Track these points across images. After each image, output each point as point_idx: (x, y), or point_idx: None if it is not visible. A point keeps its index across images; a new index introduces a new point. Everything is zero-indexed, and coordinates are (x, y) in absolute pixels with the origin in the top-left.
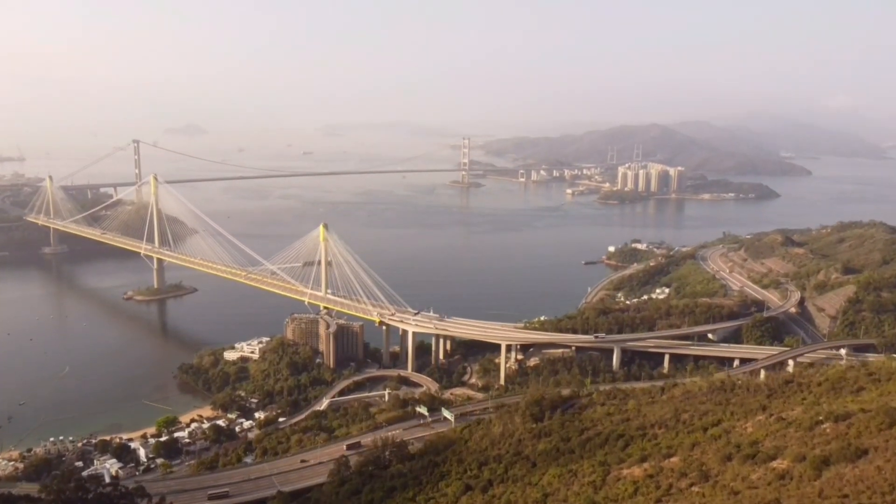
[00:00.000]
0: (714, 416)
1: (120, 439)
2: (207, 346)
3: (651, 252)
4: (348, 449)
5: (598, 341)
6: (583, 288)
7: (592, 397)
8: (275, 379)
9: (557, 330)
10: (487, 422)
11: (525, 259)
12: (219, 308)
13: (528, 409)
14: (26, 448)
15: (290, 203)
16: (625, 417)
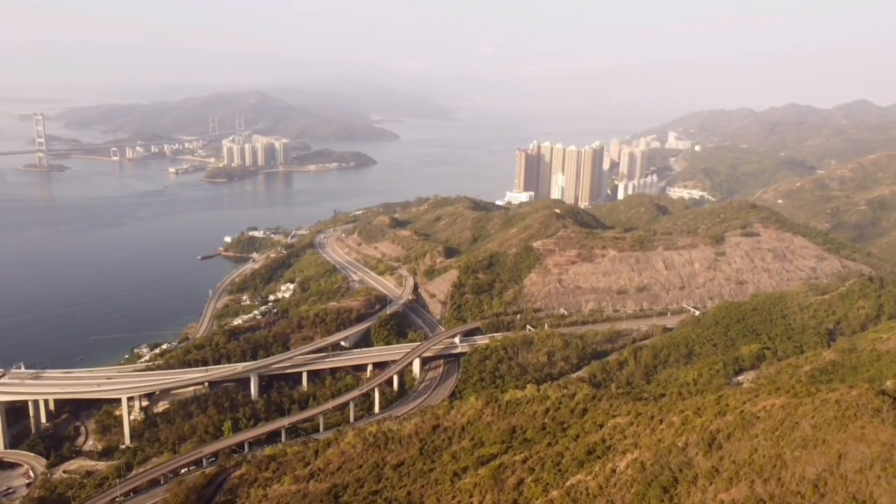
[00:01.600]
0: (369, 486)
1: None
2: None
3: (269, 239)
4: None
5: (233, 374)
6: (204, 289)
7: (244, 471)
8: None
9: (185, 364)
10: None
11: (133, 260)
12: None
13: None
14: None
15: None
16: None
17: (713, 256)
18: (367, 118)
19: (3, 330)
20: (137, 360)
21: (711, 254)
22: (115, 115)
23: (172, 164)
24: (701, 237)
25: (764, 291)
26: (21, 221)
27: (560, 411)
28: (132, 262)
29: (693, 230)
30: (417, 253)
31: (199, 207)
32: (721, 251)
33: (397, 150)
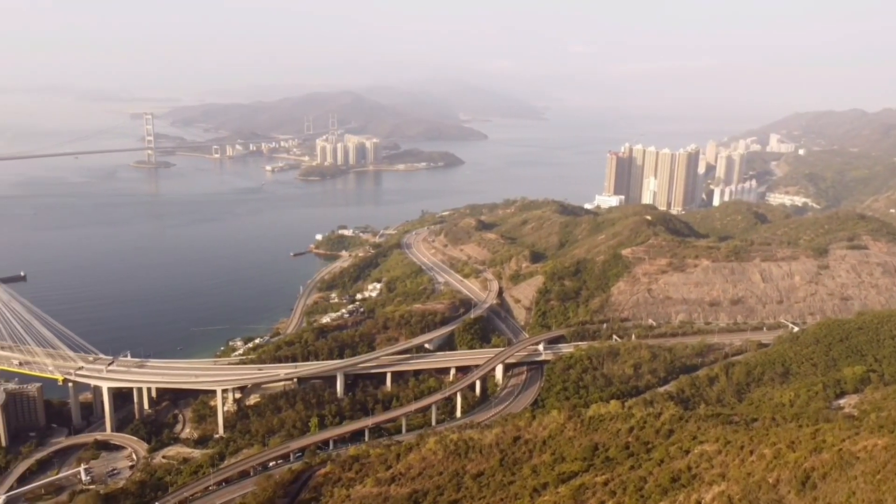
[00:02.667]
0: (448, 494)
1: None
2: None
3: (358, 238)
4: None
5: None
6: (295, 285)
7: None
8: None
9: (276, 360)
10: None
11: (230, 255)
12: None
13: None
14: None
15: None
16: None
17: (815, 269)
18: (456, 118)
19: (113, 320)
20: (232, 352)
21: (813, 267)
22: (217, 113)
23: (269, 162)
24: (802, 248)
25: (871, 309)
26: (130, 215)
27: (645, 431)
28: (230, 257)
29: (794, 241)
30: (503, 257)
31: (293, 205)
32: (824, 264)
33: (485, 150)
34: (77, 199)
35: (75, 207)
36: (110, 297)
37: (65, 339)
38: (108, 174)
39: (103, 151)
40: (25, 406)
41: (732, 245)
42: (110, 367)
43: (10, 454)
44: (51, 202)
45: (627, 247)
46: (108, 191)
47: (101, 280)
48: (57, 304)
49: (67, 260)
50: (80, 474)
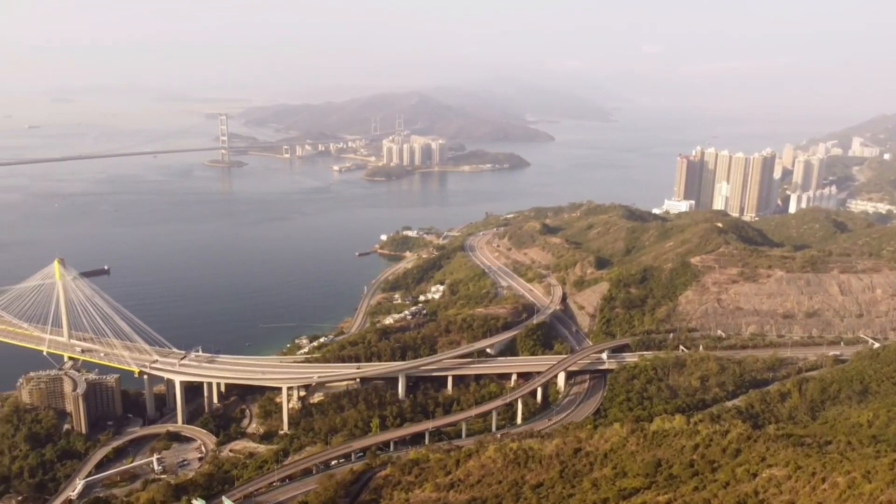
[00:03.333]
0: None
1: None
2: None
3: (422, 239)
4: None
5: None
6: (359, 285)
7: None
8: (10, 457)
9: (339, 359)
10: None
11: (298, 253)
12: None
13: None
14: None
15: (15, 197)
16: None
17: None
18: (523, 119)
19: (186, 315)
20: (297, 350)
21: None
22: (288, 114)
23: (336, 162)
24: (886, 260)
25: None
26: (204, 213)
27: (710, 449)
28: (297, 256)
29: (876, 251)
30: (567, 262)
31: (359, 205)
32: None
33: (551, 152)
34: (155, 196)
35: (153, 204)
36: (184, 292)
37: (141, 333)
38: (184, 173)
39: (180, 151)
40: (104, 396)
41: (809, 255)
42: (183, 362)
43: (89, 441)
44: (130, 199)
45: (696, 255)
46: (183, 189)
47: (176, 275)
48: (134, 298)
49: (144, 255)
50: (152, 464)
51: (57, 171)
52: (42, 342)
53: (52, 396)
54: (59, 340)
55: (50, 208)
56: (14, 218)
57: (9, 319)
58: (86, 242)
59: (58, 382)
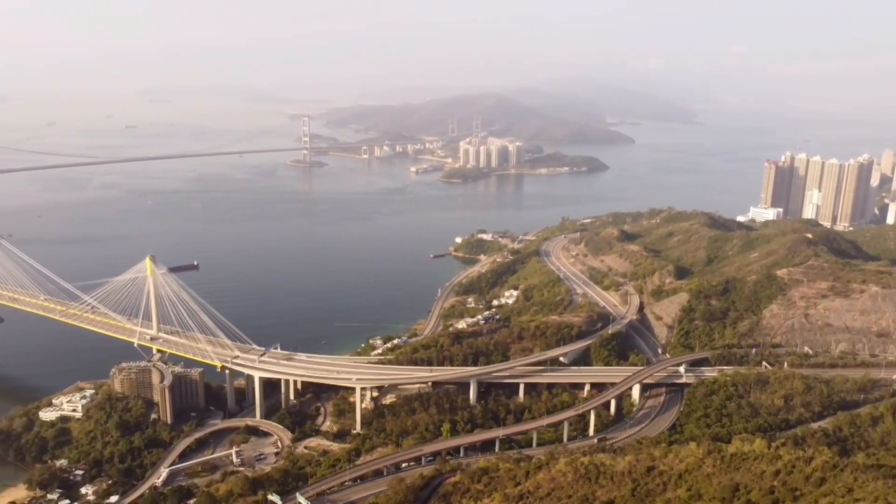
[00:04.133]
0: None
1: None
2: (19, 396)
3: (496, 242)
4: None
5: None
6: (433, 287)
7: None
8: (103, 442)
9: (412, 362)
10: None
11: (374, 253)
12: (31, 342)
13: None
14: None
15: (113, 194)
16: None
17: None
18: (603, 121)
19: (265, 311)
20: (371, 350)
21: None
22: (368, 115)
23: (414, 163)
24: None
25: None
26: (285, 212)
27: (793, 476)
28: (373, 256)
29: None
30: (646, 270)
31: (435, 206)
32: None
33: (631, 155)
34: (239, 194)
35: (237, 203)
36: (264, 288)
37: (223, 329)
38: (267, 172)
39: (264, 151)
40: (188, 388)
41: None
42: (262, 358)
43: (173, 431)
44: (217, 197)
45: (783, 267)
46: (266, 188)
47: (257, 272)
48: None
49: (229, 252)
50: (232, 456)
51: (151, 170)
52: (133, 334)
53: (141, 387)
54: (149, 333)
55: (144, 205)
56: (111, 214)
57: (104, 312)
58: (176, 238)
59: (146, 373)
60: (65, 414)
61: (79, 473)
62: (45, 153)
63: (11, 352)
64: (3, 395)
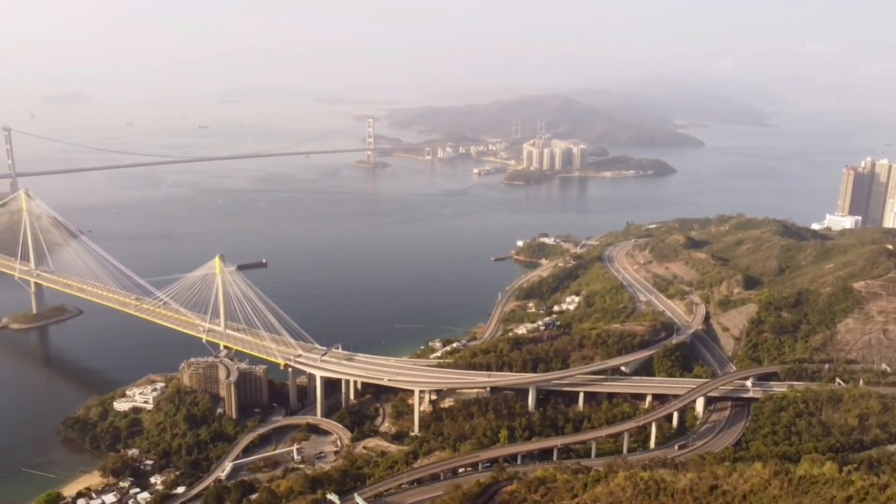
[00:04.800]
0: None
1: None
2: (95, 387)
3: (559, 247)
4: None
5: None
6: (494, 290)
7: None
8: (171, 434)
9: (471, 367)
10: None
11: (435, 255)
12: (107, 335)
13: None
14: None
15: (185, 192)
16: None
17: None
18: (671, 123)
19: (327, 310)
20: (430, 353)
21: None
22: (432, 116)
23: (476, 165)
24: None
25: None
26: (348, 212)
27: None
28: (434, 257)
29: None
30: (713, 279)
31: (496, 209)
32: None
33: (700, 159)
34: (304, 194)
35: (302, 202)
36: (327, 287)
37: (287, 327)
38: (332, 172)
39: (330, 151)
40: (253, 385)
41: None
42: (324, 358)
43: (237, 426)
44: (283, 196)
45: (861, 279)
46: (331, 188)
47: (320, 271)
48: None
49: (294, 250)
50: (293, 453)
51: (221, 169)
52: (202, 330)
53: (208, 381)
54: (217, 330)
55: (214, 203)
56: (184, 212)
57: (175, 307)
58: (244, 236)
59: (213, 369)
60: (137, 405)
61: (149, 463)
62: (124, 152)
63: (89, 343)
64: (81, 385)
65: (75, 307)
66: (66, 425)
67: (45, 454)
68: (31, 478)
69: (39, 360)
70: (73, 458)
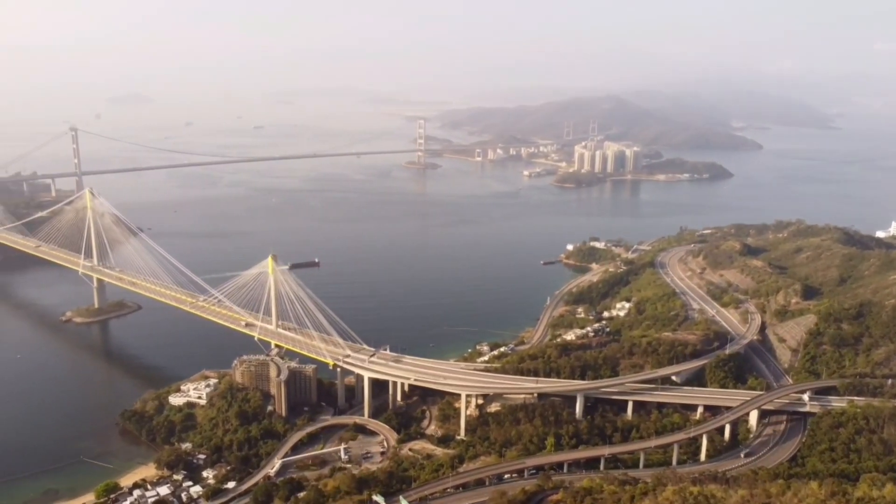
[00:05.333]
0: None
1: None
2: (152, 380)
3: (609, 251)
4: None
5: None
6: (542, 294)
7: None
8: (223, 429)
9: (518, 372)
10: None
11: (483, 257)
12: (164, 330)
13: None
14: None
15: (241, 192)
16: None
17: None
18: (728, 125)
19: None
20: (478, 356)
21: None
22: (482, 117)
23: (527, 167)
24: None
25: None
26: (398, 213)
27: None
28: (483, 260)
29: None
30: (769, 288)
31: (546, 212)
32: None
33: (758, 162)
34: (356, 195)
35: (353, 202)
36: (375, 287)
37: (336, 327)
38: (383, 173)
39: (381, 152)
40: (302, 383)
41: None
42: (372, 359)
43: (287, 424)
44: (335, 196)
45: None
46: (381, 188)
47: (369, 271)
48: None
49: (344, 250)
50: (340, 452)
51: (275, 169)
52: (254, 328)
53: (259, 379)
54: (269, 328)
55: (268, 202)
56: (239, 211)
57: (229, 305)
58: (296, 235)
59: (265, 367)
60: (191, 400)
61: (201, 457)
62: (182, 152)
63: (147, 338)
64: (139, 378)
65: (134, 303)
66: (124, 417)
67: (104, 445)
68: (90, 467)
69: (100, 353)
70: (130, 449)
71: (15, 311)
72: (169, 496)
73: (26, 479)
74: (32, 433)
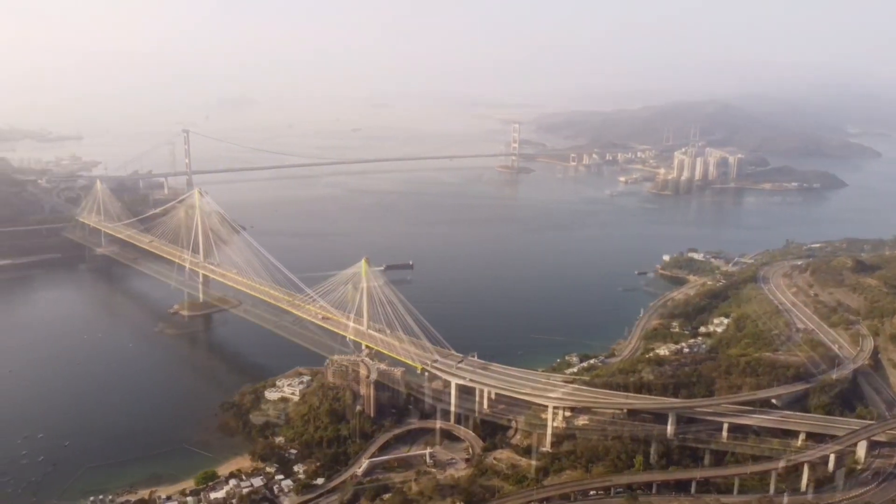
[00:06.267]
0: None
1: (158, 498)
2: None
3: (708, 263)
4: None
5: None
6: (635, 306)
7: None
8: (314, 426)
9: (608, 386)
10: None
11: (574, 265)
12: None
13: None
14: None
15: (336, 192)
16: None
17: None
18: (842, 131)
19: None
20: (566, 367)
21: None
22: (579, 121)
23: (623, 173)
24: None
25: None
26: (489, 217)
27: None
28: (574, 267)
29: None
30: (884, 309)
31: (642, 220)
32: None
33: (875, 171)
34: (448, 198)
35: (445, 206)
36: (465, 292)
37: (425, 330)
38: (475, 177)
39: (474, 156)
40: (391, 385)
41: None
42: (459, 365)
43: (375, 425)
44: (427, 199)
45: None
46: (473, 192)
47: (458, 276)
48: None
49: (434, 253)
50: (425, 456)
51: (370, 171)
52: (347, 329)
53: (350, 379)
54: (360, 329)
55: (361, 204)
56: (335, 211)
57: (322, 304)
58: (389, 237)
59: (355, 367)
60: (285, 396)
61: (293, 452)
62: (283, 153)
63: (246, 333)
64: (238, 372)
65: (236, 298)
66: (223, 408)
67: (204, 434)
68: (191, 455)
69: (204, 345)
70: (227, 440)
71: (129, 302)
72: (261, 488)
73: (135, 461)
74: (140, 418)
